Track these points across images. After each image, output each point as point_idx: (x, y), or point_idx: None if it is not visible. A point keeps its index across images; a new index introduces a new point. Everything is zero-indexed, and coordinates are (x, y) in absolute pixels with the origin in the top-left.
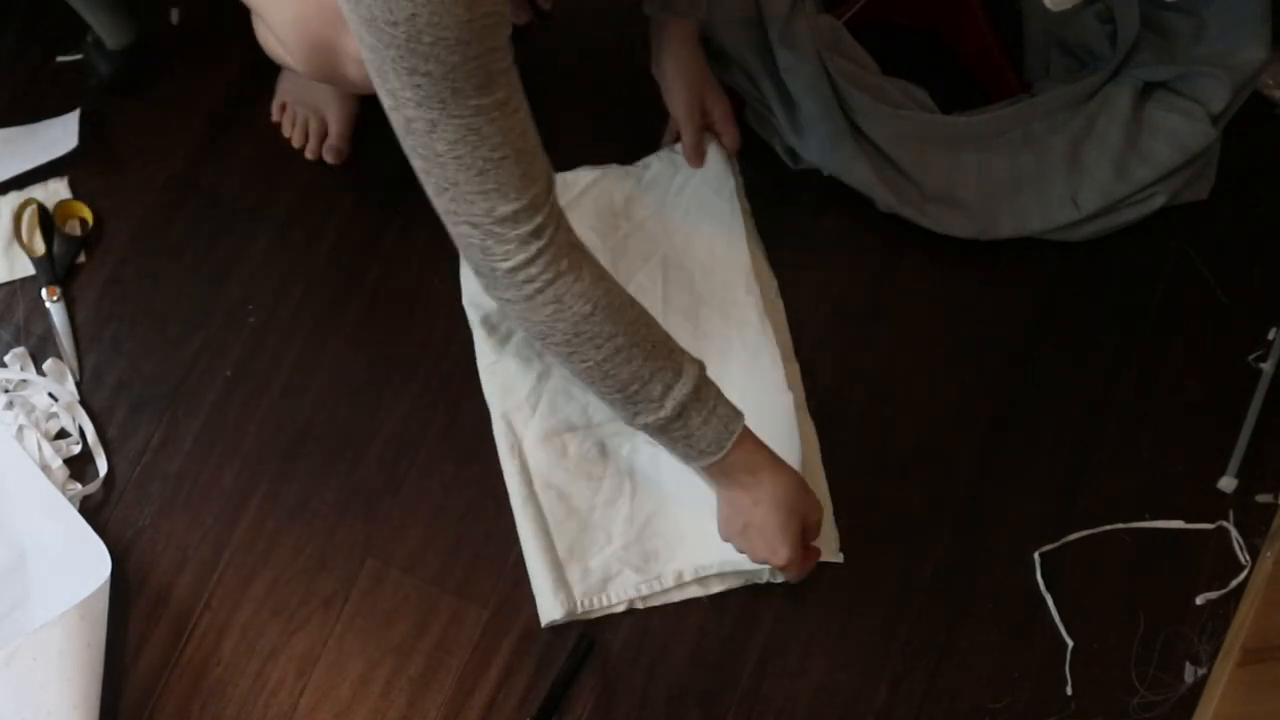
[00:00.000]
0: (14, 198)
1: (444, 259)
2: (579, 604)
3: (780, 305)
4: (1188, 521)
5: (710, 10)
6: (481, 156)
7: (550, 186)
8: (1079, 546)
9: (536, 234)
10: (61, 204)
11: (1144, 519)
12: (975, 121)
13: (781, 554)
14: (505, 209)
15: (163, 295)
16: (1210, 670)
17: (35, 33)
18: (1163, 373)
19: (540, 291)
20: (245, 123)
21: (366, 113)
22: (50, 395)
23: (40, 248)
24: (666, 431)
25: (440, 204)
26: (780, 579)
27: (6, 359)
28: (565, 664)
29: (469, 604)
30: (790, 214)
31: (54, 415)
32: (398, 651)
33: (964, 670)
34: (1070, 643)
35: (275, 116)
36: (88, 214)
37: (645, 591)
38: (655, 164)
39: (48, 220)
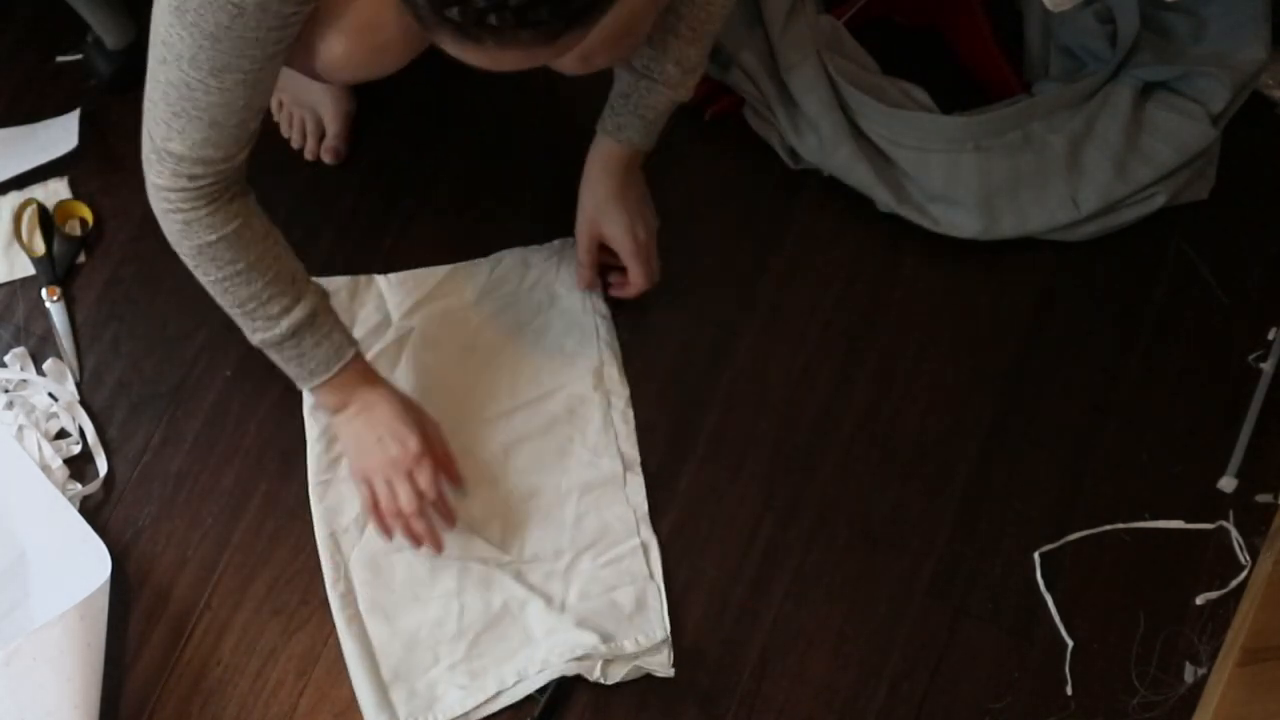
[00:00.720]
0: (14, 197)
1: (443, 255)
2: None
3: (631, 415)
4: (1188, 521)
5: (649, 142)
6: (185, 102)
7: (229, 159)
8: (1079, 546)
9: (191, 178)
10: (61, 204)
11: (1144, 519)
12: (975, 121)
13: (411, 442)
14: (176, 147)
15: (163, 295)
16: (1210, 670)
17: (35, 33)
18: (1163, 373)
19: (172, 212)
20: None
21: (364, 113)
22: (50, 395)
23: (40, 248)
24: (280, 349)
25: (145, 105)
26: (611, 677)
27: (6, 359)
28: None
29: None
30: (790, 214)
31: (54, 415)
32: None
33: (964, 670)
34: (1070, 643)
35: (274, 116)
36: (88, 214)
37: (471, 705)
38: (508, 258)
39: (48, 220)
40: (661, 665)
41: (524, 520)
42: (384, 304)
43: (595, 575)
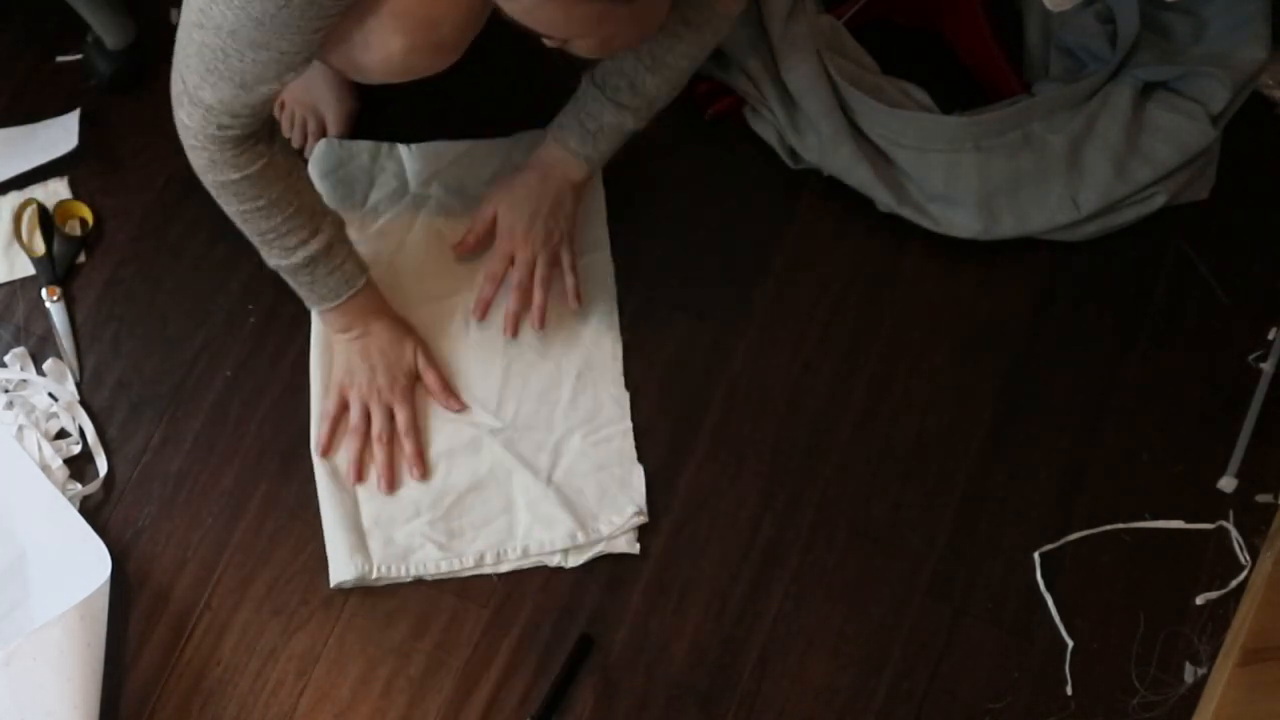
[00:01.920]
0: (14, 198)
1: None
2: (375, 569)
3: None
4: (1188, 521)
5: (587, 152)
6: (219, 64)
7: (257, 114)
8: (1079, 546)
9: (220, 126)
10: (61, 204)
11: (1144, 519)
12: (975, 121)
13: (402, 378)
14: (207, 97)
15: (163, 295)
16: (1210, 670)
17: (35, 33)
18: (1163, 372)
19: (198, 149)
20: None
21: (363, 114)
22: (50, 395)
23: (40, 248)
24: (295, 275)
25: (177, 49)
26: (571, 562)
27: (6, 359)
28: (565, 664)
29: (469, 604)
30: (790, 214)
31: (54, 415)
32: (398, 651)
33: (964, 670)
34: (1070, 643)
35: (275, 114)
36: (88, 214)
37: (444, 569)
38: (527, 138)
39: (48, 220)
40: (628, 543)
41: (520, 390)
42: (403, 171)
43: (584, 452)
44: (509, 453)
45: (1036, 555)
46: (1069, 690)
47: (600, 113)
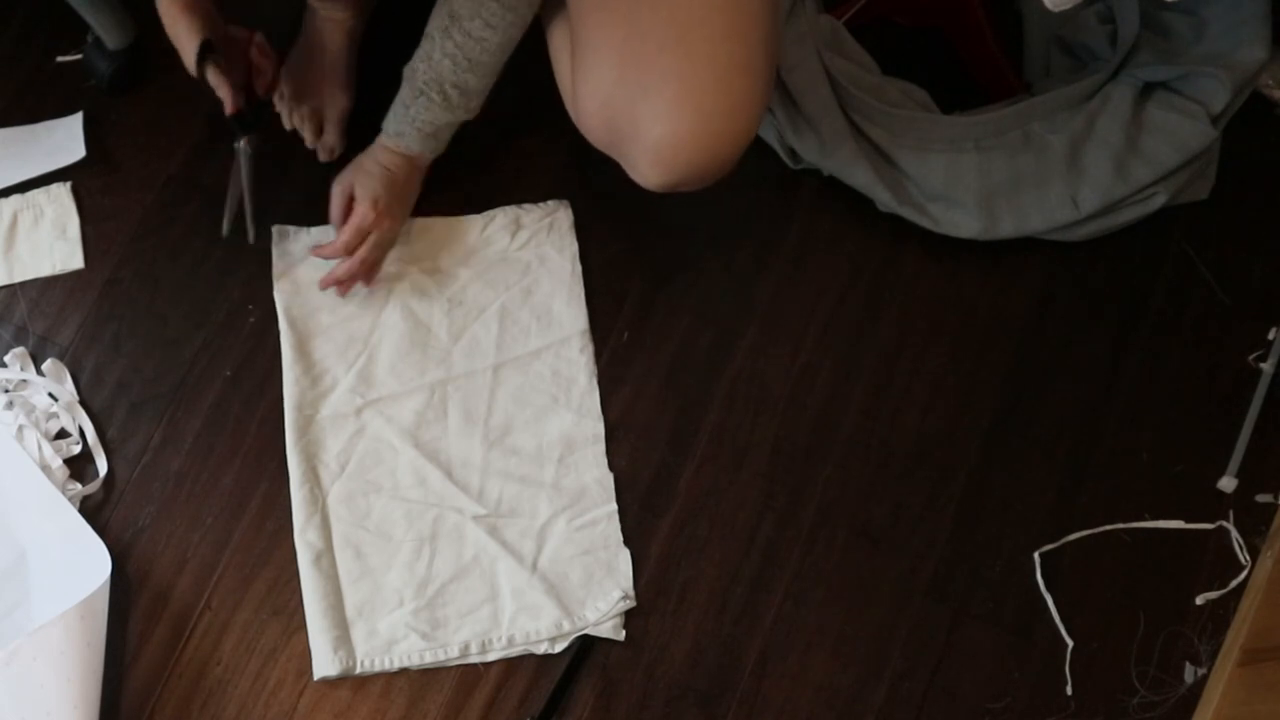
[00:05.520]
0: (15, 200)
1: None
2: (359, 664)
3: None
4: (1188, 521)
5: (435, 150)
6: None
7: None
8: (1079, 546)
9: None
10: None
11: (1144, 519)
12: (975, 121)
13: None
14: None
15: (163, 295)
16: (1210, 670)
17: (35, 33)
18: (1163, 373)
19: None
20: None
21: (363, 113)
22: (50, 395)
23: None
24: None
25: None
26: (558, 648)
27: (6, 359)
28: (565, 664)
29: None
30: (790, 214)
31: (54, 415)
32: None
33: (964, 670)
34: (1070, 643)
35: (276, 107)
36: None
37: (429, 660)
38: (500, 216)
39: None
40: (614, 629)
41: (503, 475)
42: None
43: (569, 537)
44: (493, 539)
45: (1036, 555)
46: (1069, 690)
47: (434, 118)
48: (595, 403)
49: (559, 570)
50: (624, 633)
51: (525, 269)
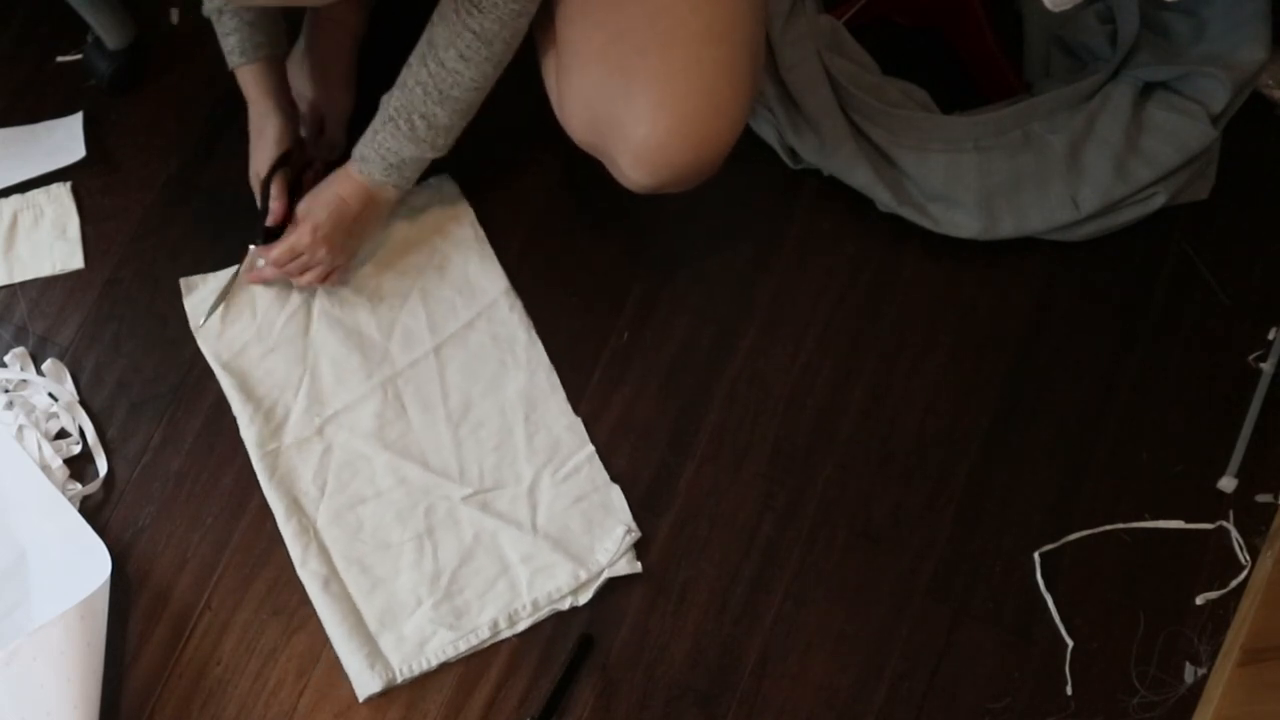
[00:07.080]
0: (15, 200)
1: None
2: (398, 673)
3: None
4: (1188, 521)
5: (399, 184)
6: None
7: None
8: (1079, 546)
9: None
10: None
11: (1144, 519)
12: (975, 121)
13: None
14: None
15: (163, 295)
16: (1210, 670)
17: (35, 33)
18: (1163, 373)
19: None
20: (245, 123)
21: (363, 113)
22: (50, 395)
23: None
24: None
25: None
26: (582, 600)
27: (6, 359)
28: (565, 664)
29: None
30: (790, 214)
31: (54, 415)
32: None
33: (964, 670)
34: (1070, 643)
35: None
36: None
37: (463, 648)
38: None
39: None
40: (629, 563)
41: (477, 450)
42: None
43: (559, 490)
44: (487, 514)
45: (1036, 555)
46: (1069, 690)
47: (400, 148)
48: (541, 353)
49: (559, 524)
50: (639, 564)
51: (432, 249)
